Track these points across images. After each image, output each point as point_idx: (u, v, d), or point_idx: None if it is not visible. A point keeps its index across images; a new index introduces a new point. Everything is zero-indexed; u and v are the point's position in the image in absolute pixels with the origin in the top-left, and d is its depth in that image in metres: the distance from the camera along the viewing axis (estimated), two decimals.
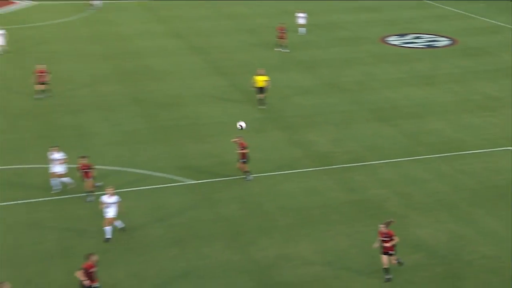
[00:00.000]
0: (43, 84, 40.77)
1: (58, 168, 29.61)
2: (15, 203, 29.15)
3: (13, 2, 65.24)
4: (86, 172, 28.99)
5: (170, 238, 26.80)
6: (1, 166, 32.59)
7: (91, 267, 21.79)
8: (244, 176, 31.36)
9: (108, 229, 26.22)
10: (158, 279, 24.27)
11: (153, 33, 57.23)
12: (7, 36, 49.48)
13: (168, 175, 31.90)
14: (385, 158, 33.96)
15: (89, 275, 21.89)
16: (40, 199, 29.41)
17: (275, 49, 51.94)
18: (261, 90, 39.65)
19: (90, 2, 65.23)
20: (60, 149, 30.21)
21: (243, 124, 23.85)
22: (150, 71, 47.37)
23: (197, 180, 31.45)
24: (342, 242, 26.55)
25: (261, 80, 39.48)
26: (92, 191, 29.11)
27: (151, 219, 28.18)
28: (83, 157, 29.31)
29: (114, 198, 26.19)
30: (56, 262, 25.19)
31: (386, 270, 23.57)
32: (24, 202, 29.16)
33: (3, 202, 29.19)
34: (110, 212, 26.18)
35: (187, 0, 68.87)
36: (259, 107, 39.67)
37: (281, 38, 52.13)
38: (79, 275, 21.82)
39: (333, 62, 50.03)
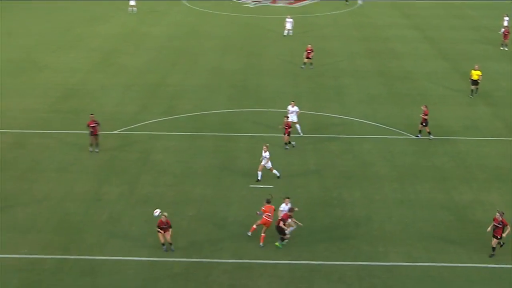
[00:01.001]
0: (309, 58, 40.94)
1: (293, 118, 29.10)
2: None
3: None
4: (286, 128, 27.90)
5: (393, 175, 26.14)
6: (278, 109, 33.55)
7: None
8: (416, 136, 29.44)
9: (259, 173, 25.06)
10: (381, 203, 23.94)
11: (397, 25, 54.84)
12: (293, 23, 50.38)
13: (397, 129, 30.85)
14: None
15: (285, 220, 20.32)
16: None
17: (501, 48, 46.32)
18: (475, 82, 35.97)
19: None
20: (297, 103, 30.01)
21: (157, 212, 20.13)
22: (393, 52, 45.59)
23: (418, 136, 30.06)
24: None
25: (476, 74, 35.68)
26: (287, 143, 28.26)
27: (381, 159, 27.61)
28: (287, 117, 28.38)
29: (267, 154, 24.83)
30: (314, 177, 25.78)
31: (493, 249, 20.48)
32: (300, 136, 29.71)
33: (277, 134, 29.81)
34: (263, 162, 24.90)
35: (426, 2, 64.80)
36: (470, 96, 35.76)
37: (505, 38, 46.55)
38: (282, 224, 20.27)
39: None
